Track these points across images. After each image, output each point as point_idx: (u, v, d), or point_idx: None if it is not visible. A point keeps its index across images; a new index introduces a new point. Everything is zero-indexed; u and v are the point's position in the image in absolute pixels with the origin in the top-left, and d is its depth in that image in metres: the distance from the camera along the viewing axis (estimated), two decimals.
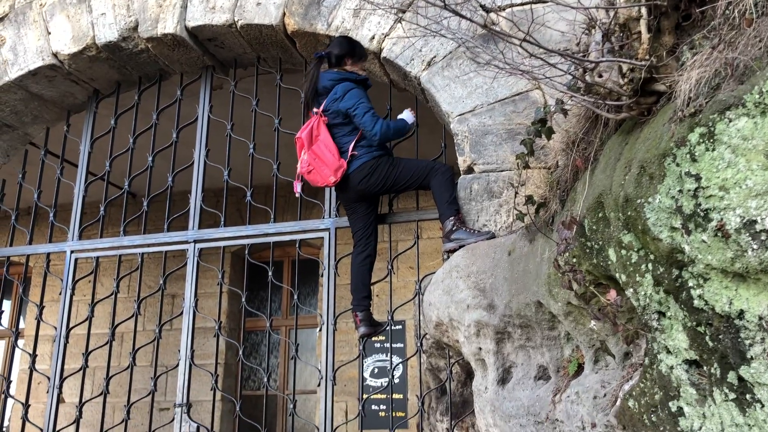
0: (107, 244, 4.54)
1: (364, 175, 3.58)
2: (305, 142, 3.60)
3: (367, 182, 3.59)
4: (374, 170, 3.58)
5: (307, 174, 3.62)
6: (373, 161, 3.59)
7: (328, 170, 3.54)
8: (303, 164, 3.62)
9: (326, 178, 3.56)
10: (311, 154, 3.57)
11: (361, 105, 3.53)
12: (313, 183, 3.65)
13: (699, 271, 1.59)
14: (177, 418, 4.01)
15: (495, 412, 2.99)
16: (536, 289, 2.65)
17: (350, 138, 3.61)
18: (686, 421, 1.77)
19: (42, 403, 5.36)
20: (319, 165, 3.57)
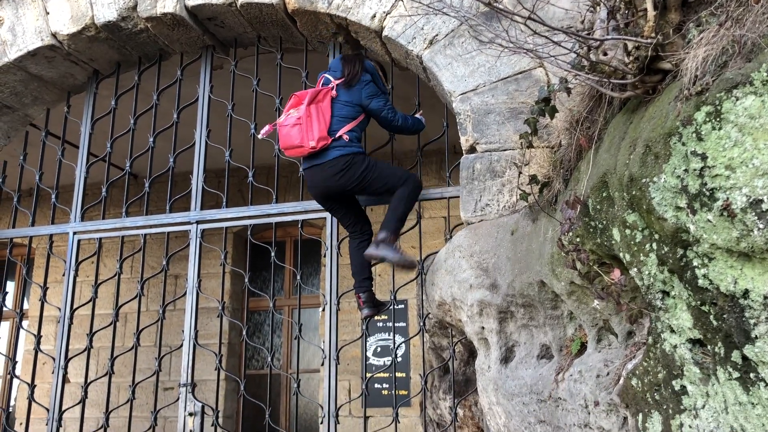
0: (110, 225, 4.54)
1: (338, 170, 3.50)
2: (306, 100, 3.49)
3: (339, 179, 3.50)
4: (349, 167, 3.51)
5: (291, 126, 3.46)
6: (350, 157, 3.52)
7: (314, 134, 3.45)
8: (290, 117, 3.50)
9: (308, 140, 3.45)
10: (308, 111, 3.47)
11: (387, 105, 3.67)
12: (290, 141, 3.48)
13: (704, 251, 1.59)
14: (182, 397, 4.04)
15: (498, 390, 3.00)
16: (539, 268, 2.65)
17: (344, 123, 3.57)
18: (689, 400, 1.78)
19: (47, 383, 5.40)
20: (308, 125, 3.46)
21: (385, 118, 3.66)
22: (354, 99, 3.61)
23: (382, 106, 3.64)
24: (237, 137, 4.52)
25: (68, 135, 4.96)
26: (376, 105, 3.62)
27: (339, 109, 3.59)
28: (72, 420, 5.70)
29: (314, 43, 4.39)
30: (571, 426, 2.46)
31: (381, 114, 3.64)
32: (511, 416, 2.91)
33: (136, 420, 4.41)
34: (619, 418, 2.16)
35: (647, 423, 1.96)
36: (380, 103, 3.63)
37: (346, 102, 3.60)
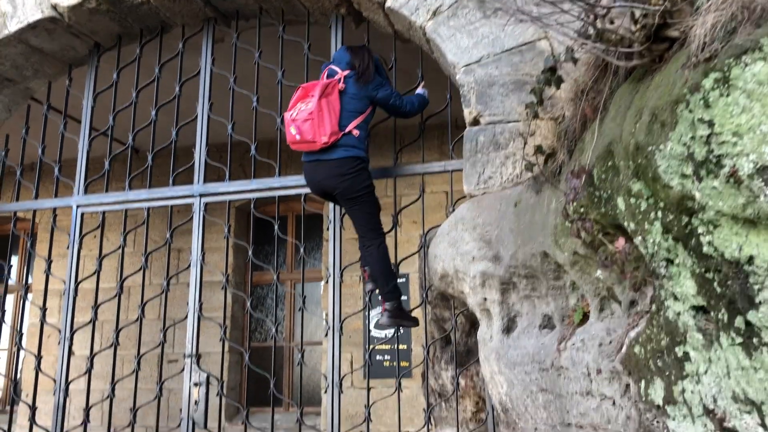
0: (113, 198, 4.55)
1: (344, 172, 3.47)
2: (318, 93, 3.45)
3: (343, 181, 3.48)
4: (357, 174, 3.50)
5: (302, 121, 3.43)
6: (359, 162, 3.51)
7: (326, 129, 3.42)
8: (301, 112, 3.47)
9: (320, 135, 3.42)
10: (319, 105, 3.43)
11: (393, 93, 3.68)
12: (302, 136, 3.45)
13: (709, 218, 1.60)
14: (187, 368, 4.09)
15: (500, 360, 3.04)
16: (542, 239, 2.66)
17: (353, 117, 3.55)
18: (692, 366, 1.81)
19: (52, 355, 5.44)
20: (320, 119, 3.43)
21: (394, 106, 3.67)
22: (362, 92, 3.59)
23: (389, 94, 3.64)
24: (239, 111, 4.51)
25: (70, 109, 4.95)
26: (384, 95, 3.63)
27: (348, 103, 3.56)
28: (77, 392, 5.77)
29: (316, 15, 4.36)
30: (573, 394, 2.49)
31: (389, 103, 3.65)
32: (513, 385, 2.95)
33: (141, 391, 4.45)
34: (622, 385, 2.19)
35: (649, 389, 1.99)
36: (387, 92, 3.64)
37: (354, 95, 3.58)
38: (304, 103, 3.49)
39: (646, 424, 2.06)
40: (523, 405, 2.91)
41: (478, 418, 3.74)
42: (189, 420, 4.00)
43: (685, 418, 1.84)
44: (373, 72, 3.64)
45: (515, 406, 3.00)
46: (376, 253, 3.61)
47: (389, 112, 3.75)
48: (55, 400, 4.27)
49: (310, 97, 3.49)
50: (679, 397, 1.85)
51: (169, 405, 6.85)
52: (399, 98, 3.69)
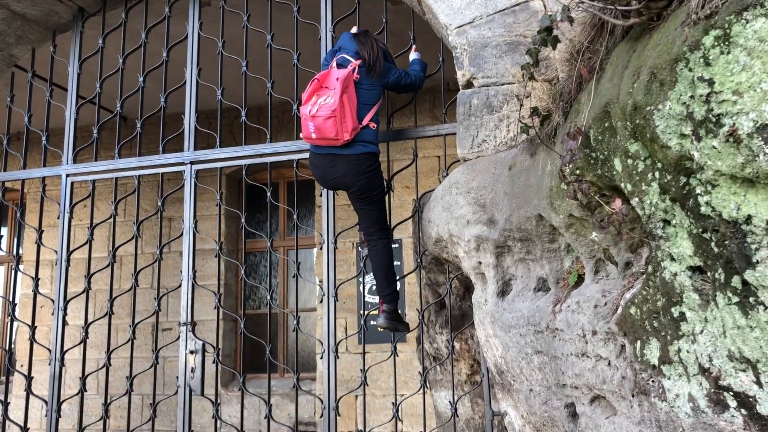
0: (103, 167, 4.50)
1: (363, 170, 3.43)
2: (339, 88, 3.31)
3: (360, 179, 3.44)
4: (374, 173, 3.48)
5: (324, 119, 3.29)
6: (375, 159, 3.48)
7: (347, 126, 3.32)
8: (321, 108, 3.31)
9: (343, 132, 3.32)
10: (341, 102, 3.29)
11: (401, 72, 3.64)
12: (323, 133, 3.33)
13: (707, 178, 1.59)
14: (182, 336, 4.09)
15: (495, 323, 3.05)
16: (537, 202, 2.65)
17: (368, 109, 3.47)
18: (688, 326, 1.82)
19: (47, 325, 5.45)
20: (343, 116, 3.31)
21: (406, 85, 3.65)
22: (375, 83, 3.52)
23: (399, 76, 3.61)
24: (228, 76, 4.45)
25: (55, 77, 4.86)
26: (394, 78, 3.59)
27: (363, 95, 3.47)
28: (72, 361, 5.79)
29: None
30: (569, 355, 2.51)
31: (401, 83, 3.62)
32: (508, 348, 2.97)
33: (136, 360, 4.47)
34: (617, 346, 2.21)
35: (645, 350, 2.00)
36: (396, 75, 3.60)
37: (367, 85, 3.50)
38: (323, 98, 3.34)
39: (641, 384, 2.08)
40: (518, 367, 2.94)
41: (473, 380, 3.78)
42: (186, 387, 4.02)
43: (680, 377, 1.86)
44: (383, 62, 3.56)
45: (510, 369, 3.03)
46: (382, 252, 3.61)
47: (403, 92, 3.71)
48: (51, 370, 4.28)
49: (326, 90, 3.36)
50: (675, 357, 1.87)
51: (165, 373, 6.90)
52: (407, 76, 3.65)
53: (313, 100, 3.37)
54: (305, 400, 6.83)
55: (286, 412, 6.63)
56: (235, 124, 6.40)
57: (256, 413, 6.92)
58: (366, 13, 3.97)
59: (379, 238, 3.62)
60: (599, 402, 2.42)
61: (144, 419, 4.38)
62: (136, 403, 6.87)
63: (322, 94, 3.37)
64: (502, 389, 3.36)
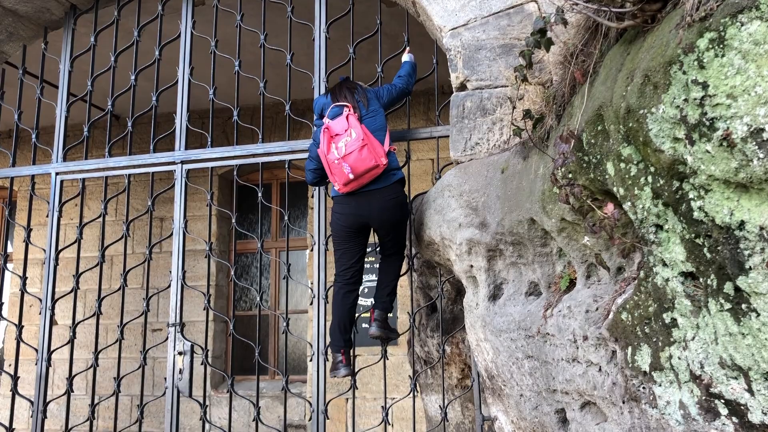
0: (93, 165, 4.46)
1: (399, 203, 3.42)
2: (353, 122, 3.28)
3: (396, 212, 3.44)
4: (404, 205, 3.47)
5: (359, 149, 3.20)
6: (401, 186, 3.46)
7: (378, 150, 3.26)
8: (349, 144, 3.23)
9: (379, 156, 3.25)
10: (364, 130, 3.26)
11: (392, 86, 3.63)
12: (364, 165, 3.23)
13: (701, 183, 1.57)
14: (171, 337, 4.05)
15: (486, 327, 3.03)
16: (529, 206, 2.64)
17: (382, 134, 3.42)
18: (679, 332, 1.80)
19: (35, 325, 5.40)
20: (372, 142, 3.26)
21: (400, 92, 3.61)
22: (375, 106, 3.49)
23: (391, 89, 3.59)
24: (221, 75, 4.42)
25: (46, 74, 4.82)
26: (387, 96, 3.56)
27: (371, 123, 3.40)
28: (61, 361, 5.74)
29: None
30: (559, 360, 2.49)
31: (394, 95, 3.59)
32: (499, 352, 2.95)
33: (125, 360, 4.43)
34: (608, 352, 2.19)
35: (636, 356, 1.98)
36: (387, 92, 3.58)
37: (372, 114, 3.45)
38: (342, 140, 3.27)
39: (632, 391, 2.06)
40: (508, 371, 2.91)
41: (463, 384, 3.75)
42: (173, 388, 3.98)
43: (671, 383, 1.84)
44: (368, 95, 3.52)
45: (501, 373, 3.00)
46: (396, 267, 3.63)
47: (400, 100, 3.68)
48: (38, 370, 4.23)
49: (340, 136, 3.29)
50: (666, 364, 1.85)
51: (154, 374, 6.85)
52: (394, 86, 3.63)
53: (333, 146, 3.28)
54: (295, 402, 6.79)
55: (275, 414, 6.59)
56: (228, 125, 6.36)
57: (246, 415, 6.88)
58: (360, 14, 3.95)
59: (399, 255, 3.64)
60: (590, 408, 2.40)
61: (132, 420, 4.34)
62: (125, 404, 6.82)
63: (339, 139, 3.28)
64: (493, 394, 3.34)
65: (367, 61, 4.74)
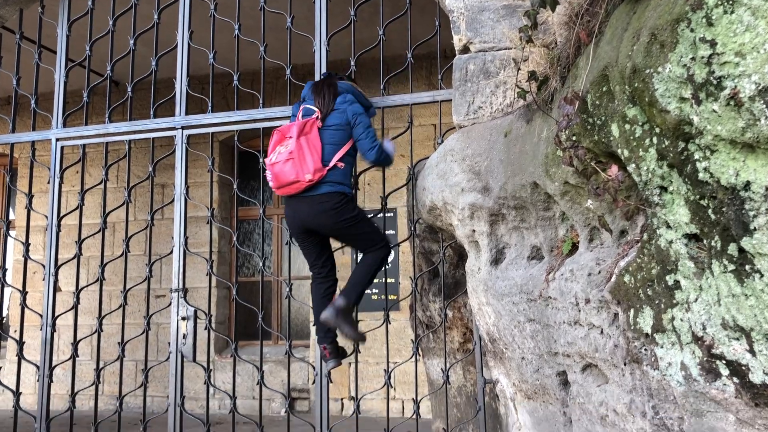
0: (93, 131, 4.43)
1: (330, 207, 3.32)
2: (295, 133, 3.29)
3: (329, 217, 3.34)
4: (342, 207, 3.36)
5: (284, 162, 3.25)
6: (343, 197, 3.37)
7: (308, 167, 3.25)
8: (280, 154, 3.29)
9: (303, 173, 3.24)
10: (298, 144, 3.26)
11: (366, 119, 3.48)
12: (284, 178, 3.27)
13: (706, 143, 1.55)
14: (174, 302, 4.07)
15: (488, 291, 3.04)
16: (533, 169, 2.62)
17: (336, 149, 3.39)
18: (682, 294, 1.80)
19: (39, 291, 5.43)
20: (302, 157, 3.26)
21: (364, 141, 3.43)
22: (342, 121, 3.41)
23: (362, 134, 3.42)
24: (220, 40, 4.36)
25: (44, 39, 4.76)
26: (357, 133, 3.43)
27: (329, 137, 3.38)
28: (65, 327, 5.79)
29: None
30: (561, 324, 2.50)
31: (360, 136, 3.43)
32: (501, 316, 2.96)
33: (128, 326, 4.46)
34: (610, 315, 2.19)
35: (638, 318, 1.98)
36: (360, 132, 3.42)
37: (334, 127, 3.40)
38: (283, 146, 3.31)
39: (633, 353, 2.07)
40: (510, 335, 2.93)
41: (465, 348, 3.78)
42: (177, 353, 4.01)
43: (673, 345, 1.85)
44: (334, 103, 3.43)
45: (502, 336, 3.02)
46: (371, 258, 3.48)
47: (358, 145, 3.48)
48: (43, 335, 4.26)
49: (287, 139, 3.32)
50: (668, 326, 1.85)
51: (158, 339, 6.91)
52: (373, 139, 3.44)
53: (276, 150, 3.34)
54: (298, 367, 6.86)
55: (279, 378, 6.66)
56: (228, 90, 6.31)
57: (250, 380, 6.96)
58: None
59: (376, 249, 3.48)
60: (591, 370, 2.41)
61: (137, 385, 4.39)
62: (129, 369, 6.89)
63: (284, 143, 3.32)
64: (494, 357, 3.36)
65: (369, 24, 4.67)
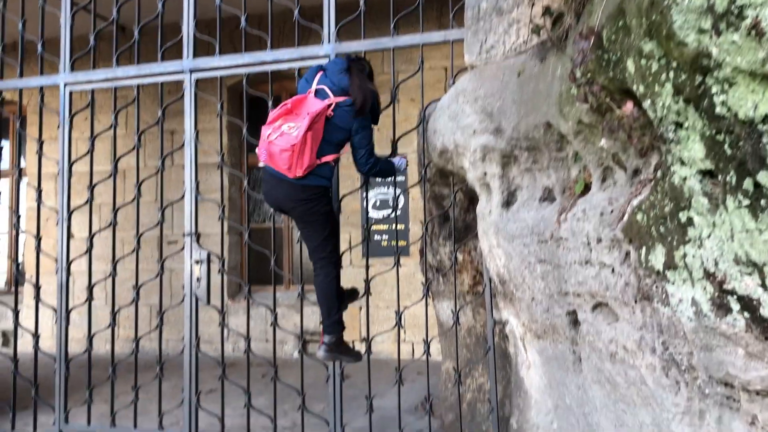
0: (101, 75, 4.41)
1: (306, 198, 3.28)
2: (306, 124, 3.15)
3: (302, 206, 3.30)
4: (318, 199, 3.31)
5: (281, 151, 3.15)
6: (322, 190, 3.32)
7: (303, 163, 3.18)
8: (281, 138, 3.18)
9: (296, 168, 3.18)
10: (304, 138, 3.14)
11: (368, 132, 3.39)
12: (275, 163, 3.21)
13: (725, 76, 1.52)
14: (187, 246, 4.11)
15: (498, 233, 3.05)
16: (546, 109, 2.59)
17: (331, 149, 3.31)
18: (695, 231, 1.79)
19: (52, 238, 5.49)
20: (301, 154, 3.16)
21: (359, 156, 3.39)
22: (347, 125, 3.32)
23: (365, 144, 3.36)
24: None
25: None
26: (360, 141, 3.35)
27: (330, 133, 3.29)
28: (79, 273, 5.88)
29: None
30: (572, 264, 2.51)
31: (358, 151, 3.38)
32: (511, 257, 2.97)
33: (142, 272, 4.51)
34: (621, 253, 2.20)
35: (650, 256, 1.99)
36: (364, 140, 3.36)
37: (339, 126, 3.31)
38: (287, 125, 3.19)
39: (644, 290, 2.08)
40: (520, 276, 2.95)
41: (475, 290, 3.81)
42: (192, 296, 4.07)
43: (684, 282, 1.85)
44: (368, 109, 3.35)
45: (513, 278, 3.04)
46: (322, 282, 3.43)
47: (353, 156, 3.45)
48: (59, 279, 4.33)
49: (295, 117, 3.20)
50: (680, 262, 1.85)
51: (172, 285, 7.01)
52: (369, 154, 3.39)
53: (277, 124, 3.22)
54: (310, 311, 6.95)
55: (291, 322, 6.77)
56: (235, 34, 6.20)
57: (262, 323, 7.08)
58: None
59: (321, 267, 3.44)
60: (601, 309, 2.43)
61: (151, 329, 4.48)
62: (144, 314, 7.00)
63: (290, 119, 3.20)
64: (504, 298, 3.40)
65: None
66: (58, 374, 4.28)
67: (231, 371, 4.32)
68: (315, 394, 4.89)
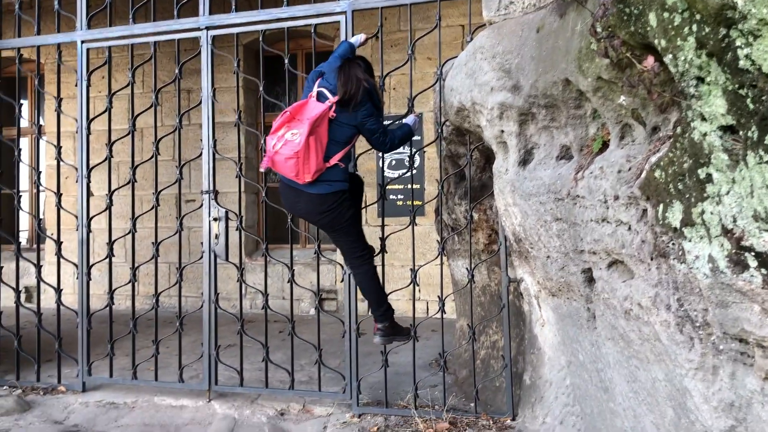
0: (118, 33, 4.40)
1: (325, 209, 3.32)
2: (307, 128, 3.15)
3: (324, 217, 3.36)
4: (337, 208, 3.34)
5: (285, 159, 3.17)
6: (340, 195, 3.33)
7: (311, 167, 3.18)
8: (285, 146, 3.18)
9: (304, 174, 3.19)
10: (307, 143, 3.14)
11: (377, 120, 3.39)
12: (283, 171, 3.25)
13: (750, 28, 1.50)
14: (205, 203, 4.15)
15: (515, 191, 3.05)
16: (565, 65, 2.56)
17: (339, 147, 3.31)
18: (714, 187, 1.78)
19: (72, 196, 5.55)
20: (306, 158, 3.16)
21: (376, 142, 3.43)
22: (351, 120, 3.30)
23: (376, 128, 3.37)
24: None
25: None
26: (370, 127, 3.35)
27: (335, 132, 3.29)
28: (99, 231, 5.95)
29: None
30: (588, 221, 2.51)
31: (372, 137, 3.41)
32: (527, 215, 2.98)
33: (161, 230, 4.57)
34: (639, 211, 2.19)
35: (667, 212, 1.98)
36: (374, 126, 3.36)
37: (343, 124, 3.30)
38: (290, 132, 3.19)
39: (660, 247, 2.08)
40: (536, 234, 2.96)
41: (490, 249, 3.83)
42: (210, 252, 4.12)
43: (701, 239, 1.85)
44: (362, 96, 3.30)
45: (528, 236, 3.05)
46: (364, 280, 3.56)
47: (370, 144, 3.50)
48: (79, 235, 4.40)
49: (298, 123, 3.19)
50: (698, 219, 1.85)
51: (190, 243, 7.09)
52: (383, 134, 3.42)
53: (280, 133, 3.22)
54: (326, 269, 7.02)
55: (308, 280, 6.85)
56: None
57: (279, 281, 7.16)
58: None
59: (359, 265, 3.55)
60: (617, 266, 2.44)
61: (171, 284, 4.55)
62: (163, 271, 7.10)
63: (293, 126, 3.20)
64: (519, 257, 3.41)
65: None
66: (81, 328, 4.38)
67: (248, 327, 4.39)
68: (331, 350, 4.97)
